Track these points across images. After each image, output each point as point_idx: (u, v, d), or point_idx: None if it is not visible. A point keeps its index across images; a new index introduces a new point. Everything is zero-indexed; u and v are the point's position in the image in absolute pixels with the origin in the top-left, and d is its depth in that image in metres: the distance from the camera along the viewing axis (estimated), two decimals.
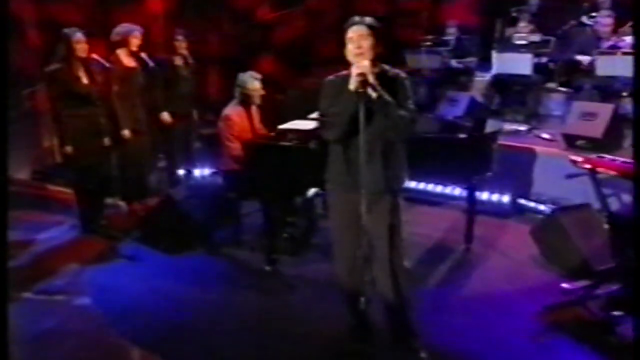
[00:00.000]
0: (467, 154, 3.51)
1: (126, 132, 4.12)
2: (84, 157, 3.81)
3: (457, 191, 4.62)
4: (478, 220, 3.89)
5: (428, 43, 6.37)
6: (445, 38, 6.45)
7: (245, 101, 3.76)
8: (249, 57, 6.41)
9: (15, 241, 3.54)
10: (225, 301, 3.15)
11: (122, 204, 4.44)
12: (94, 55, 3.74)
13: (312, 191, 3.47)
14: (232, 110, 3.75)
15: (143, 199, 4.42)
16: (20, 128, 5.06)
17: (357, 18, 2.30)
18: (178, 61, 4.70)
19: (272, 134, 3.69)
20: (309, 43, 7.18)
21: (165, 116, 4.65)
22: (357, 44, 2.24)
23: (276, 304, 3.13)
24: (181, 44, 4.67)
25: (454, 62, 6.25)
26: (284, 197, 3.33)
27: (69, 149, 3.72)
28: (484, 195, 4.56)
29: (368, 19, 2.30)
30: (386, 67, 2.39)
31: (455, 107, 5.35)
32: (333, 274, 2.57)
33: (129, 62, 4.17)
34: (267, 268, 3.50)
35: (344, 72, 2.32)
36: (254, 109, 3.89)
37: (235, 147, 3.64)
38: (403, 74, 2.39)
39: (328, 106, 2.34)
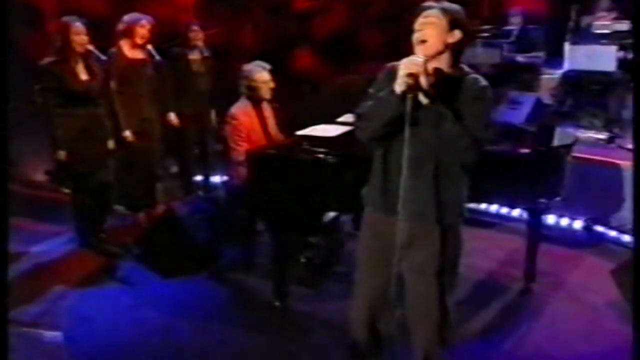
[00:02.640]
0: (530, 172, 2.90)
1: (127, 134, 3.78)
2: (80, 163, 3.47)
3: (517, 211, 3.98)
4: (542, 251, 3.25)
5: (485, 34, 5.69)
6: (507, 28, 5.75)
7: (253, 97, 3.34)
8: (284, 50, 6.03)
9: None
10: (222, 342, 2.70)
11: (127, 213, 4.11)
12: (89, 47, 3.40)
13: (329, 216, 2.97)
14: (239, 109, 3.33)
15: (150, 208, 4.07)
16: (34, 126, 4.90)
17: (430, 2, 1.88)
18: (193, 55, 4.31)
19: (286, 141, 3.23)
20: (351, 35, 6.72)
21: (172, 117, 4.28)
22: (420, 30, 1.82)
23: (283, 349, 2.65)
24: (197, 36, 4.28)
25: (516, 57, 5.56)
26: (291, 222, 2.82)
27: (62, 154, 3.39)
28: (550, 219, 3.91)
29: (446, 3, 1.87)
30: (466, 68, 1.90)
31: (517, 110, 4.64)
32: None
33: (132, 54, 3.82)
34: (277, 304, 3.02)
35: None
36: (266, 106, 3.45)
37: (242, 151, 3.21)
38: (484, 82, 1.87)
39: (372, 97, 1.91)
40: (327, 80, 6.06)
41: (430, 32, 1.80)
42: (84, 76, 3.40)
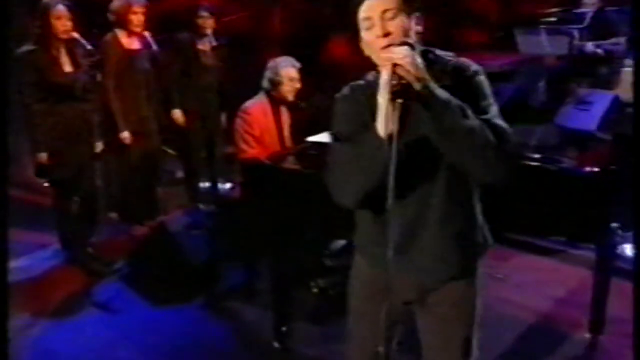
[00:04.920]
0: (602, 198, 2.42)
1: (126, 135, 3.59)
2: (62, 167, 3.28)
3: None
4: (616, 290, 2.74)
5: (551, 19, 5.13)
6: (579, 11, 5.16)
7: (275, 94, 3.12)
8: (318, 38, 5.74)
9: None
10: None
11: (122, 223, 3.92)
12: (75, 35, 3.18)
13: (339, 243, 2.63)
14: (254, 104, 3.12)
15: (150, 219, 3.85)
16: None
17: None
18: (201, 44, 4.03)
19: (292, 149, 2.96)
20: None
21: (177, 115, 4.04)
22: (381, 29, 1.37)
23: None
24: (205, 22, 4.00)
25: (589, 46, 4.97)
26: (290, 248, 2.51)
27: (43, 156, 3.20)
28: (627, 249, 3.37)
29: None
30: (441, 53, 1.50)
31: (587, 112, 4.12)
32: None
33: (129, 43, 3.61)
34: (276, 344, 2.71)
35: (368, 78, 1.50)
36: (284, 111, 3.22)
37: (254, 154, 3.00)
38: (474, 66, 1.47)
39: (344, 137, 1.48)
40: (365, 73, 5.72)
41: (395, 26, 1.38)
42: (67, 67, 3.19)
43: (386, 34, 1.37)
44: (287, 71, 3.09)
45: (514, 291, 3.13)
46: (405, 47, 1.33)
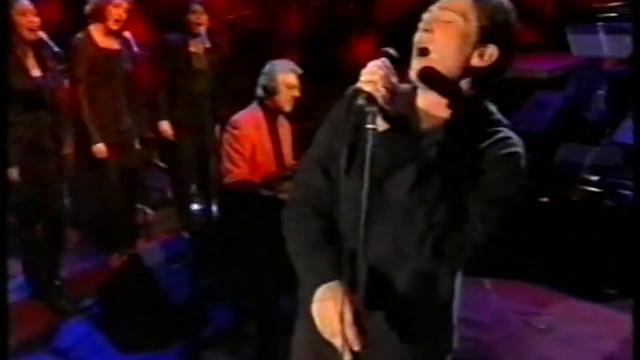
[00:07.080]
0: None
1: (101, 148, 3.44)
2: (27, 186, 3.12)
3: None
4: None
5: (611, 14, 4.79)
6: None
7: (269, 104, 2.93)
8: (339, 37, 5.65)
9: None
10: None
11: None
12: (42, 34, 3.05)
13: None
14: (245, 116, 2.93)
15: (128, 247, 3.68)
16: None
17: None
18: (194, 46, 3.83)
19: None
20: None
21: (165, 127, 3.88)
22: (426, 23, 1.27)
23: None
24: (199, 18, 3.79)
25: None
26: (275, 289, 2.35)
27: (13, 172, 3.02)
28: None
29: None
30: (494, 111, 1.35)
31: None
32: None
33: (105, 42, 3.47)
34: None
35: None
36: (283, 122, 3.04)
37: (240, 175, 2.83)
38: (515, 146, 1.29)
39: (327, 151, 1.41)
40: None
41: (442, 37, 1.24)
42: (34, 72, 3.07)
43: (427, 35, 1.25)
44: (285, 77, 2.89)
45: (560, 347, 2.90)
46: (379, 63, 1.20)
